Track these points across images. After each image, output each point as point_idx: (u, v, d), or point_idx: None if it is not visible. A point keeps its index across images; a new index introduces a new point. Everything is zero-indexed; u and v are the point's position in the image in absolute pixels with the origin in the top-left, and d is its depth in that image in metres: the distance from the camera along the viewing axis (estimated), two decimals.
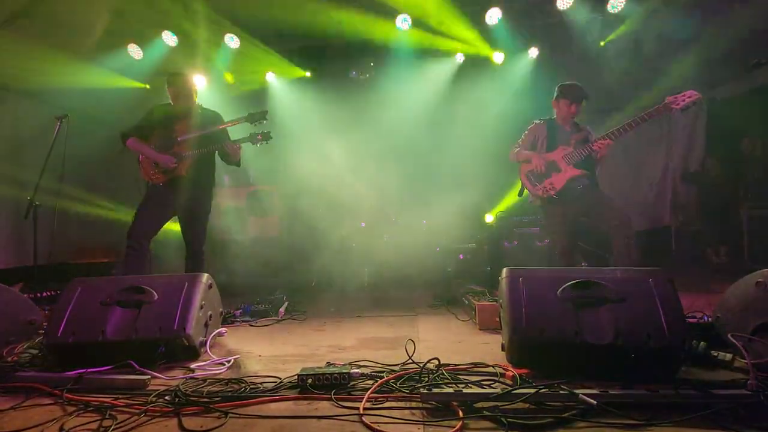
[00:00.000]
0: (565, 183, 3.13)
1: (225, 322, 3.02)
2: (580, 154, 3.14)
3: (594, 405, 1.42)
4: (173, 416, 1.53)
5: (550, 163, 3.20)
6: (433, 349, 2.32)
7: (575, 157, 3.14)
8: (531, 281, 1.99)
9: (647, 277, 1.92)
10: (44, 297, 3.73)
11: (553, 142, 3.25)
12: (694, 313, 2.41)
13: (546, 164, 3.19)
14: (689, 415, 1.40)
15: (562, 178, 3.15)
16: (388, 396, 1.64)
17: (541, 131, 3.31)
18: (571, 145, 3.18)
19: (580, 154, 3.14)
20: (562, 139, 3.24)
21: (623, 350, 1.77)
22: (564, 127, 3.27)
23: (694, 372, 1.84)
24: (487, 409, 1.48)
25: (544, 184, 3.19)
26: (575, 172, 3.13)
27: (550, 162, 3.19)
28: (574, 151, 3.16)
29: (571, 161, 3.15)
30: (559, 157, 3.18)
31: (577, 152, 3.15)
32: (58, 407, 1.64)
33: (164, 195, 3.17)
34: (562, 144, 3.21)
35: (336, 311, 3.60)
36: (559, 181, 3.15)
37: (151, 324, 2.14)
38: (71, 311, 2.18)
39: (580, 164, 3.14)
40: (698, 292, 3.44)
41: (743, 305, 1.97)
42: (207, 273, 2.46)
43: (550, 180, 3.18)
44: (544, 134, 3.29)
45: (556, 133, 3.26)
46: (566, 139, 3.22)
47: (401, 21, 5.38)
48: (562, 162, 3.17)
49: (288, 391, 1.73)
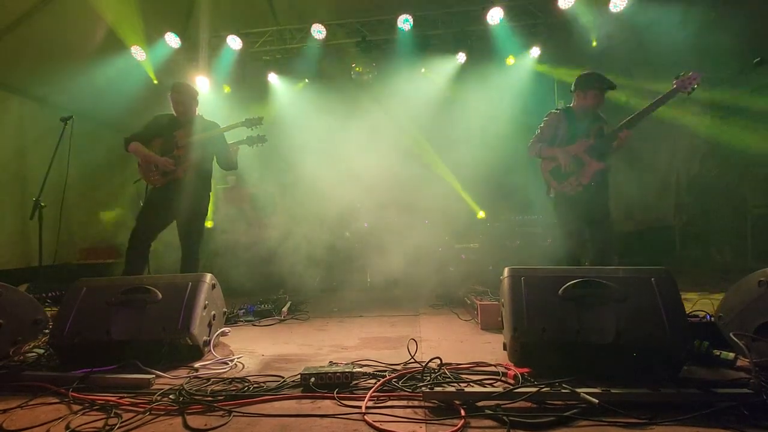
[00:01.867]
0: (591, 177, 3.11)
1: (228, 321, 3.04)
2: (602, 145, 3.10)
3: (596, 404, 1.43)
4: (177, 415, 1.55)
5: (573, 157, 3.15)
6: (435, 348, 2.33)
7: (597, 150, 3.10)
8: (532, 281, 1.99)
9: (649, 277, 1.92)
10: (49, 297, 3.76)
11: (573, 133, 3.19)
12: (696, 312, 2.41)
13: (571, 160, 3.14)
14: (691, 414, 1.40)
15: (588, 173, 3.11)
16: (390, 395, 1.65)
17: (561, 122, 3.23)
18: (591, 137, 3.13)
19: (601, 146, 3.10)
20: (582, 130, 3.17)
21: (625, 349, 1.77)
22: (582, 118, 3.20)
23: (697, 371, 1.84)
24: (488, 408, 1.49)
25: (570, 181, 3.15)
26: (600, 165, 3.10)
27: (573, 156, 3.15)
28: (596, 143, 3.11)
29: (594, 154, 3.11)
30: (581, 151, 3.13)
31: (598, 144, 3.11)
32: (64, 406, 1.66)
33: (164, 198, 3.25)
34: (582, 136, 3.15)
35: (338, 311, 3.61)
36: (585, 176, 3.12)
37: (155, 324, 2.16)
38: (76, 311, 2.21)
39: (601, 157, 3.11)
40: (701, 292, 3.43)
41: (745, 305, 1.97)
42: (210, 273, 2.48)
43: (576, 176, 3.14)
44: (565, 126, 3.21)
45: (576, 124, 3.20)
46: (586, 131, 3.16)
47: (402, 21, 5.39)
48: (586, 156, 3.12)
49: (291, 390, 1.74)
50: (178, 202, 3.23)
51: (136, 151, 3.22)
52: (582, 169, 3.13)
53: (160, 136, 3.29)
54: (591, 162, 3.11)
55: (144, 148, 3.22)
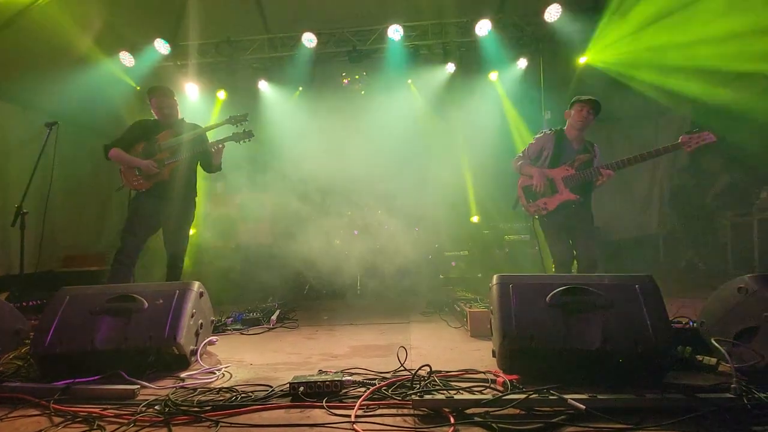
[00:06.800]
0: (558, 205, 3.12)
1: (216, 330, 3.00)
2: (580, 177, 3.08)
3: (583, 410, 1.45)
4: (163, 426, 1.52)
5: (549, 180, 3.15)
6: (425, 356, 2.33)
7: (575, 181, 3.09)
8: (521, 288, 2.02)
9: (634, 284, 1.96)
10: (31, 306, 3.66)
11: (558, 157, 3.18)
12: (679, 318, 2.46)
13: (546, 183, 3.15)
14: (676, 418, 1.43)
15: (557, 200, 3.12)
16: (380, 403, 1.64)
17: (548, 143, 3.23)
18: (575, 166, 3.12)
19: (580, 178, 3.08)
20: (568, 156, 3.17)
21: (611, 355, 1.80)
22: (572, 142, 3.20)
23: (681, 376, 1.88)
24: (478, 415, 1.50)
25: (538, 203, 3.17)
26: (570, 197, 3.09)
27: (549, 180, 3.15)
28: (576, 174, 3.10)
29: (569, 184, 3.10)
30: (559, 177, 3.13)
31: (578, 175, 3.09)
32: (45, 418, 1.62)
33: (149, 204, 3.19)
34: (566, 163, 3.15)
35: (328, 319, 3.59)
36: (553, 202, 3.13)
37: (141, 333, 2.12)
38: (59, 320, 2.15)
39: (577, 188, 3.10)
40: (683, 298, 3.50)
41: (726, 311, 2.03)
42: (198, 281, 2.45)
43: (545, 200, 3.15)
44: (551, 147, 3.21)
45: (563, 149, 3.19)
46: (571, 158, 3.15)
47: (393, 31, 5.46)
48: (561, 183, 3.12)
49: (280, 399, 1.72)
50: (164, 207, 3.19)
51: (116, 157, 3.18)
52: (552, 195, 3.15)
53: (143, 141, 3.24)
54: (564, 191, 3.11)
55: (125, 153, 3.17)
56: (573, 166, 3.14)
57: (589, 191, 3.17)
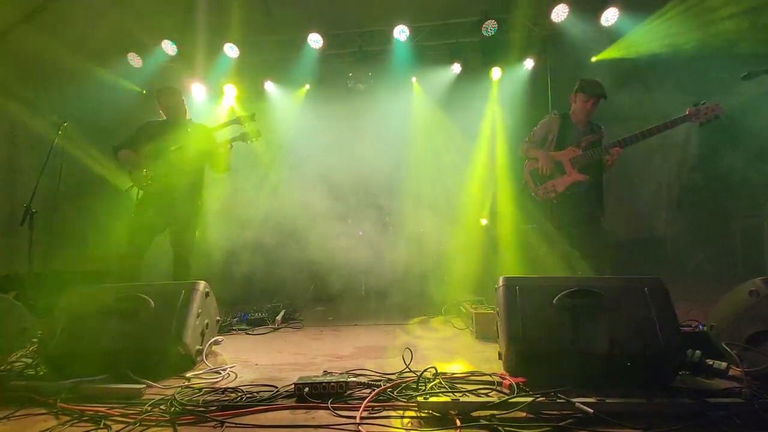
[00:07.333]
0: (567, 187, 3.07)
1: (222, 330, 3.00)
2: (588, 157, 3.03)
3: (591, 413, 1.43)
4: (169, 426, 1.52)
5: (556, 163, 3.10)
6: (431, 357, 2.32)
7: (582, 161, 3.04)
8: (527, 290, 2.00)
9: (642, 286, 1.94)
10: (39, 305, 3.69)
11: (564, 139, 3.14)
12: (689, 321, 2.42)
13: (552, 165, 3.10)
14: (685, 423, 1.41)
15: (565, 182, 3.07)
16: (385, 405, 1.63)
17: (553, 125, 3.19)
18: (581, 146, 3.08)
19: (588, 158, 3.04)
20: (573, 138, 3.12)
21: (619, 359, 1.78)
22: (577, 125, 3.16)
23: (690, 380, 1.85)
24: (484, 418, 1.48)
25: (546, 186, 3.12)
26: (579, 177, 3.03)
27: (556, 162, 3.10)
28: (583, 154, 3.05)
29: (577, 164, 3.05)
30: (566, 159, 3.08)
31: (585, 155, 3.04)
32: (52, 417, 1.63)
33: (156, 205, 3.21)
34: (572, 144, 3.10)
35: (333, 320, 3.59)
36: (562, 184, 3.08)
37: (147, 332, 2.13)
38: (66, 319, 2.17)
39: (585, 168, 3.04)
40: (693, 301, 3.45)
41: (737, 314, 1.99)
42: (204, 281, 2.46)
43: (553, 182, 3.10)
44: (556, 129, 3.17)
45: (568, 131, 3.15)
46: (577, 139, 3.11)
47: (399, 32, 5.46)
48: (568, 164, 3.07)
49: (285, 400, 1.72)
50: (171, 207, 3.20)
51: (125, 158, 3.20)
52: (561, 177, 3.09)
53: (151, 141, 3.25)
54: (572, 172, 3.07)
55: (133, 154, 3.20)
56: (580, 146, 3.09)
57: (599, 172, 3.11)
